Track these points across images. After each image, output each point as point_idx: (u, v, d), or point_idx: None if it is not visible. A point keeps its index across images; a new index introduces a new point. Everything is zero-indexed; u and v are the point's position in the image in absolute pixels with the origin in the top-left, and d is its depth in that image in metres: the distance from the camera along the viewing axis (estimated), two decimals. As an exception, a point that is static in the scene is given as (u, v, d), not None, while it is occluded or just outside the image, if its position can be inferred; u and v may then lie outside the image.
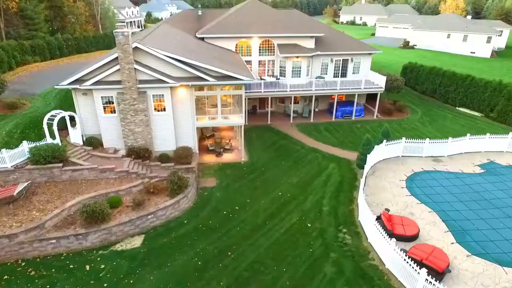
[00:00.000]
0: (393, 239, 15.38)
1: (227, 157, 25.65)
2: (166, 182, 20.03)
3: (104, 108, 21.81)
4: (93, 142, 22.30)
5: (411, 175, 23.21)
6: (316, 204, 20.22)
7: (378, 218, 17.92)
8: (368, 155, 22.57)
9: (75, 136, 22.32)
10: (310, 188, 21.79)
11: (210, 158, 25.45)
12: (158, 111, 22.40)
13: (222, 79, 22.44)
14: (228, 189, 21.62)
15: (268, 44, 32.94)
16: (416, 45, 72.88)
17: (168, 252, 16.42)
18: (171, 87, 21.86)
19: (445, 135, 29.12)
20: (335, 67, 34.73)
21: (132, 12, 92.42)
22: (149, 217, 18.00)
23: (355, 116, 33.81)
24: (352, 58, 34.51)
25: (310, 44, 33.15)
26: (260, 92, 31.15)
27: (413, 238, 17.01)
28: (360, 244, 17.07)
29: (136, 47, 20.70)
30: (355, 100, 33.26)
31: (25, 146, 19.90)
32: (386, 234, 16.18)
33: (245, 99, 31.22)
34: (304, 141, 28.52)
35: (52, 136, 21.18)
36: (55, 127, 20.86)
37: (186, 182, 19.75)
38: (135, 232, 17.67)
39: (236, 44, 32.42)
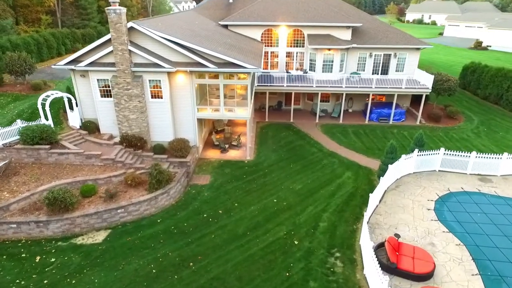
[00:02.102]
0: (393, 276, 11.75)
1: (232, 154, 23.28)
2: (148, 175, 18.30)
3: (101, 91, 20.77)
4: (89, 127, 21.44)
5: (445, 195, 18.69)
6: (313, 217, 16.96)
7: (382, 245, 14.19)
8: (390, 165, 18.58)
9: (73, 119, 21.67)
10: (312, 198, 18.52)
11: (213, 154, 23.31)
12: (155, 98, 20.80)
13: (224, 66, 20.09)
14: (219, 190, 19.26)
15: (298, 34, 29.82)
16: (490, 46, 63.43)
17: (126, 253, 14.57)
18: (168, 73, 20.08)
19: (502, 150, 23.58)
20: (374, 62, 30.40)
21: (189, 6, 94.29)
22: (118, 211, 16.36)
23: (393, 120, 29.23)
24: (395, 53, 29.90)
25: (345, 35, 29.32)
26: (282, 86, 28.22)
27: (425, 277, 13.04)
28: (351, 275, 13.56)
29: (132, 28, 19.26)
30: (394, 102, 28.64)
31: (19, 125, 19.56)
32: (385, 267, 12.54)
33: (267, 93, 28.73)
34: (324, 144, 25.03)
35: (46, 117, 20.67)
36: (47, 108, 20.29)
37: (167, 176, 17.81)
38: (101, 226, 16.15)
39: (262, 34, 29.83)
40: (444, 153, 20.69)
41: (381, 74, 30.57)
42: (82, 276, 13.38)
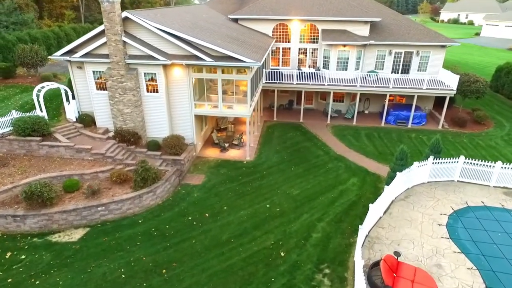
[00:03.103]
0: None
1: (232, 154, 22.04)
2: (133, 172, 17.40)
3: (96, 84, 20.16)
4: (85, 120, 20.92)
5: (462, 209, 16.49)
6: (306, 227, 15.37)
7: (377, 264, 12.42)
8: (398, 172, 16.63)
9: (70, 111, 21.23)
10: (309, 205, 16.91)
11: (212, 153, 22.18)
12: (151, 92, 19.92)
13: (221, 59, 18.86)
14: (210, 191, 18.07)
15: (312, 29, 28.12)
16: (532, 47, 58.40)
17: (99, 255, 13.68)
18: (164, 66, 19.13)
19: (535, 160, 20.84)
20: (394, 61, 28.13)
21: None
22: (99, 209, 15.54)
23: (412, 123, 26.89)
24: (418, 51, 27.50)
25: (363, 30, 27.30)
26: (292, 84, 26.64)
27: (424, 305, 11.19)
28: (339, 297, 11.93)
29: (127, 18, 18.45)
30: (413, 103, 26.28)
31: (14, 116, 19.30)
32: (375, 291, 10.83)
33: (276, 91, 27.29)
34: (333, 146, 23.24)
35: (41, 108, 20.31)
36: (41, 99, 19.91)
37: (153, 174, 16.82)
38: (80, 224, 15.39)
39: (274, 29, 28.37)
40: (464, 162, 18.39)
41: (401, 73, 28.26)
42: (48, 277, 12.59)
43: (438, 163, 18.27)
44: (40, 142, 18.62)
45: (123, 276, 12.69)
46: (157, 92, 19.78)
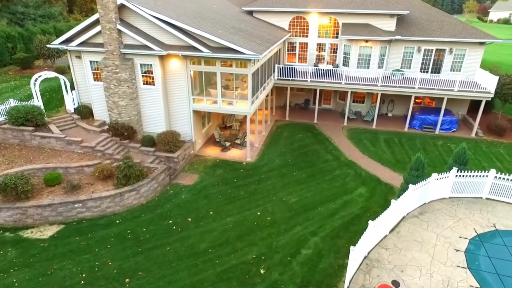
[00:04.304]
0: None
1: (233, 154, 20.51)
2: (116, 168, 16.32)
3: (94, 74, 19.42)
4: (82, 111, 20.29)
5: (488, 232, 13.81)
6: (297, 241, 13.49)
7: (369, 295, 10.33)
8: (410, 184, 14.27)
9: (69, 102, 20.70)
10: (305, 216, 14.99)
11: (212, 151, 20.78)
12: (147, 84, 18.85)
13: (220, 51, 17.36)
14: (200, 193, 16.65)
15: (331, 22, 25.93)
16: None
17: (65, 256, 12.66)
18: (160, 56, 17.97)
19: None
20: (423, 59, 25.26)
21: None
22: (76, 205, 14.61)
23: (440, 129, 23.94)
24: (451, 48, 24.46)
25: (388, 24, 24.72)
26: (306, 81, 24.64)
27: None
28: (318, 331, 9.98)
29: (124, 6, 17.47)
30: (443, 107, 23.32)
31: (11, 104, 19.00)
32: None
33: (289, 88, 25.43)
34: (345, 151, 21.03)
35: (38, 98, 19.90)
36: (37, 89, 19.44)
37: (137, 172, 15.65)
38: (56, 220, 14.53)
39: (290, 22, 26.47)
40: (496, 176, 15.57)
41: (431, 73, 25.32)
42: (6, 276, 11.72)
43: (463, 176, 15.61)
44: (33, 132, 18.12)
45: (82, 282, 11.55)
46: (154, 84, 18.68)
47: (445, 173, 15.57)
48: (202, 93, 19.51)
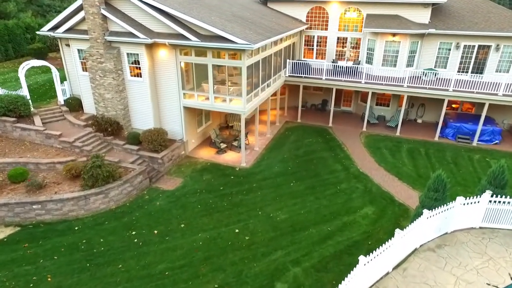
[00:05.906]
0: None
1: (227, 157, 18.31)
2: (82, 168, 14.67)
3: (82, 64, 18.07)
4: (71, 104, 19.06)
5: (527, 281, 10.44)
6: (273, 271, 10.97)
7: None
8: (425, 210, 11.22)
9: (59, 93, 19.55)
10: (291, 238, 12.41)
11: (206, 153, 18.71)
12: (134, 76, 17.15)
13: (211, 40, 15.19)
14: (178, 201, 14.60)
15: (355, 13, 22.86)
16: None
17: (5, 266, 11.11)
18: (147, 45, 16.17)
19: None
20: (463, 56, 21.47)
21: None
22: (34, 207, 13.13)
23: (479, 140, 20.12)
24: (498, 45, 20.50)
25: (421, 16, 21.24)
26: (320, 79, 21.82)
27: None
28: None
29: (110, -12, 15.88)
30: (483, 114, 19.50)
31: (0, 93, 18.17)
32: None
33: (301, 87, 22.76)
34: (358, 161, 18.06)
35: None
36: (22, 78, 18.39)
37: (106, 173, 13.89)
38: (13, 221, 13.14)
39: (308, 13, 23.74)
40: (544, 206, 12.03)
41: (471, 73, 21.47)
42: None
43: (499, 202, 12.23)
44: (14, 124, 17.07)
45: (10, 300, 9.90)
46: (141, 76, 16.93)
47: (476, 196, 12.28)
48: (196, 88, 17.45)
